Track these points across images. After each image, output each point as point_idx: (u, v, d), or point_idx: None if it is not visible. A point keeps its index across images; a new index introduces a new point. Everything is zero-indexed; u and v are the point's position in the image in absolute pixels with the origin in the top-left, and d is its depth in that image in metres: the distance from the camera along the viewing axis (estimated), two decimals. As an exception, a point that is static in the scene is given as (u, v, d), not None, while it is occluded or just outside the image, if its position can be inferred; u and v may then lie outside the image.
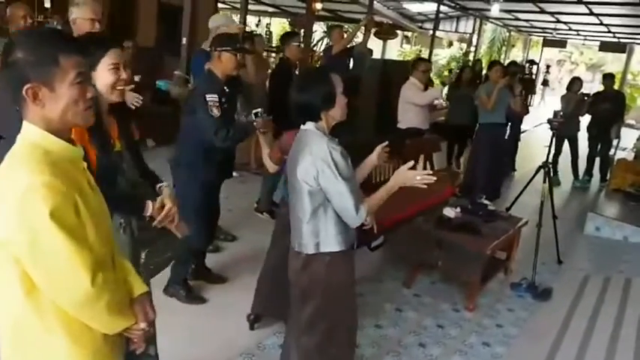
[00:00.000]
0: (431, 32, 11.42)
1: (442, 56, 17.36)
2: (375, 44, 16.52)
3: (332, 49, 5.89)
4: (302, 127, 2.09)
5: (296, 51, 4.56)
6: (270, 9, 15.63)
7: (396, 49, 16.29)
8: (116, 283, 1.33)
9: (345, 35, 6.29)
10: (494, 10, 9.92)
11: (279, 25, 18.07)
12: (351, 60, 8.42)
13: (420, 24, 15.01)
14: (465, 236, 3.57)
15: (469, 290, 3.60)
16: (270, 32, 16.26)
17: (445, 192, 4.79)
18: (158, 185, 1.98)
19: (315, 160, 1.98)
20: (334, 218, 2.07)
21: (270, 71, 5.52)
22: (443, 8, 11.75)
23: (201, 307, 3.24)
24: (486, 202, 4.23)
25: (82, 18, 3.34)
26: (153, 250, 1.92)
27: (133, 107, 3.24)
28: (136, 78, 3.72)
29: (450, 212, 3.92)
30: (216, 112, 2.83)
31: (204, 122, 2.86)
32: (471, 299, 3.58)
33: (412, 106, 5.39)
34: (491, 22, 15.19)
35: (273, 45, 15.45)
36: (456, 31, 15.16)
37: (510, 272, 4.20)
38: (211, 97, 2.84)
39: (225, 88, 2.99)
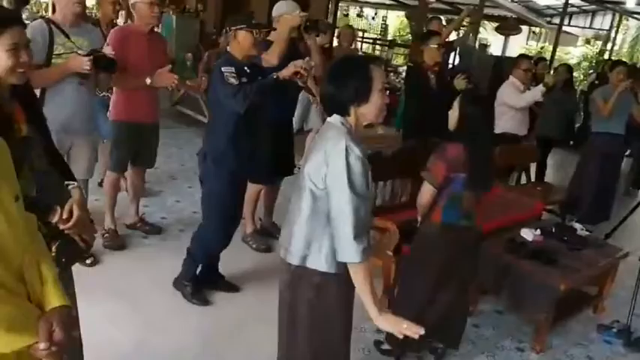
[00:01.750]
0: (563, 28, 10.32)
1: (573, 55, 15.76)
2: (497, 40, 15.47)
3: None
4: (327, 119, 1.84)
5: (436, 54, 3.97)
6: (388, 1, 15.25)
7: (520, 46, 15.06)
8: (8, 297, 1.17)
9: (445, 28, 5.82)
10: (631, 2, 8.67)
11: (396, 19, 17.59)
12: (457, 55, 7.85)
13: (548, 18, 13.72)
14: (537, 265, 3.04)
15: (538, 328, 3.07)
16: (386, 25, 15.89)
17: (533, 209, 4.20)
18: (68, 184, 1.83)
19: (328, 158, 1.71)
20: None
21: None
22: (574, 1, 10.58)
23: (196, 309, 3.06)
24: (577, 225, 3.60)
25: (141, 2, 3.34)
26: (63, 242, 1.75)
27: (170, 89, 3.13)
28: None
29: (527, 234, 3.39)
30: (233, 80, 2.71)
31: (222, 92, 2.74)
32: (539, 339, 3.05)
33: (508, 109, 4.81)
34: (634, 18, 13.43)
35: (388, 38, 15.09)
36: (591, 27, 13.63)
37: (601, 311, 3.55)
38: (227, 69, 2.74)
39: (245, 68, 2.83)
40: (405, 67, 10.09)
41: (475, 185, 2.52)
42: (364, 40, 14.43)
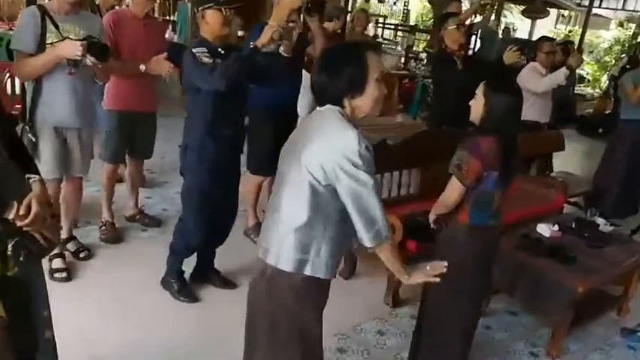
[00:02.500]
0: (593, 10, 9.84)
1: (605, 39, 15.11)
2: (524, 24, 14.94)
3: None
4: (319, 108, 1.67)
5: (457, 35, 3.67)
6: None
7: (547, 30, 14.48)
8: None
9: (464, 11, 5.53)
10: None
11: (419, 4, 17.14)
12: (478, 40, 7.53)
13: (578, 0, 13.14)
14: (553, 264, 2.80)
15: (554, 331, 2.84)
16: (408, 10, 15.49)
17: (554, 202, 3.94)
18: (29, 177, 1.70)
19: (334, 151, 1.55)
20: (334, 237, 1.65)
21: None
22: (606, -19, 10.07)
23: (189, 307, 2.92)
24: (600, 220, 3.34)
25: None
26: (21, 240, 1.64)
27: (165, 78, 2.90)
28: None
29: (544, 230, 3.14)
30: (206, 59, 2.55)
31: (196, 74, 2.56)
32: (555, 344, 2.82)
33: (529, 94, 4.50)
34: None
35: (410, 24, 14.71)
36: (624, 9, 13.02)
37: (625, 313, 3.29)
38: (198, 50, 2.58)
39: (219, 50, 2.64)
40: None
41: (505, 182, 2.27)
42: (385, 25, 14.09)
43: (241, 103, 2.84)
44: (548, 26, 15.34)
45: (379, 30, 13.49)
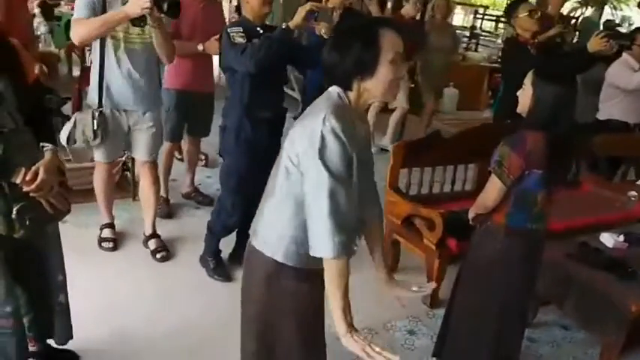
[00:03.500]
0: None
1: None
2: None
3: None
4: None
5: (529, 23, 3.41)
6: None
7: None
8: None
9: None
10: None
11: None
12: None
13: None
14: (607, 277, 2.50)
15: (602, 352, 2.54)
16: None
17: (632, 211, 3.53)
18: (43, 146, 1.78)
19: (305, 130, 1.44)
20: (301, 222, 1.49)
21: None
22: None
23: (223, 285, 2.96)
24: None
25: None
26: (27, 204, 1.72)
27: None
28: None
29: (607, 239, 2.82)
30: (240, 40, 2.52)
31: (230, 55, 2.55)
32: (605, 365, 2.53)
33: (617, 92, 4.08)
34: None
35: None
36: None
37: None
38: (233, 29, 2.57)
39: (258, 29, 2.61)
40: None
41: (552, 182, 2.05)
42: (485, 16, 13.40)
43: (280, 85, 2.81)
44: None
45: (478, 21, 12.87)
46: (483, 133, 3.36)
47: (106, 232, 3.17)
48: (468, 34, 10.91)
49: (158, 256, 3.09)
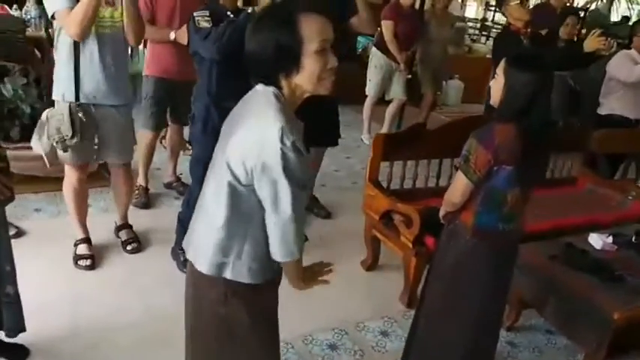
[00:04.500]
0: None
1: None
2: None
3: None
4: (255, 87, 1.39)
5: (520, 12, 3.33)
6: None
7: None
8: None
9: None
10: None
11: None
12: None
13: None
14: (591, 281, 2.35)
15: (586, 361, 2.41)
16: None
17: (629, 210, 3.36)
18: None
19: (255, 146, 1.29)
20: (258, 239, 1.40)
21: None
22: None
23: None
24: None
25: None
26: None
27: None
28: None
29: (595, 240, 2.67)
30: (205, 24, 2.40)
31: (194, 40, 2.44)
32: (586, 375, 2.39)
33: (618, 85, 3.90)
34: None
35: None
36: None
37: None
38: (199, 13, 2.45)
39: (229, 13, 2.49)
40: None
41: (525, 180, 1.90)
42: (497, 8, 13.09)
43: None
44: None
45: (490, 13, 12.57)
46: (470, 125, 3.19)
47: (82, 249, 2.85)
48: (478, 25, 10.68)
49: (129, 247, 2.98)
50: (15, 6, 4.68)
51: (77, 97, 2.52)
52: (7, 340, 2.15)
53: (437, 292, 2.10)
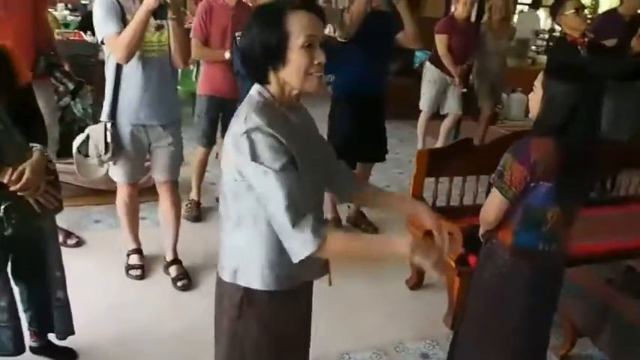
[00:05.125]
0: None
1: None
2: None
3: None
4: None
5: (576, 22, 3.16)
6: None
7: None
8: None
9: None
10: None
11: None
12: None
13: None
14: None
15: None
16: (597, 1, 13.64)
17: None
18: (32, 146, 1.81)
19: (232, 141, 1.32)
20: (267, 242, 1.39)
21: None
22: None
23: None
24: None
25: None
26: (14, 203, 1.77)
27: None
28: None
29: (658, 264, 2.48)
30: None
31: (235, 58, 2.64)
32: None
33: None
34: None
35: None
36: None
37: None
38: (240, 33, 2.49)
39: None
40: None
41: (566, 198, 1.80)
42: (552, 18, 12.54)
43: None
44: None
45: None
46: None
47: (133, 259, 2.99)
48: (546, 37, 10.31)
49: (179, 284, 2.92)
50: (89, 32, 5.00)
51: (113, 117, 2.63)
52: (57, 342, 2.28)
53: (473, 317, 2.02)
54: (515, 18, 11.27)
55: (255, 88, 1.39)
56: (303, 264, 1.30)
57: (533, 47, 8.49)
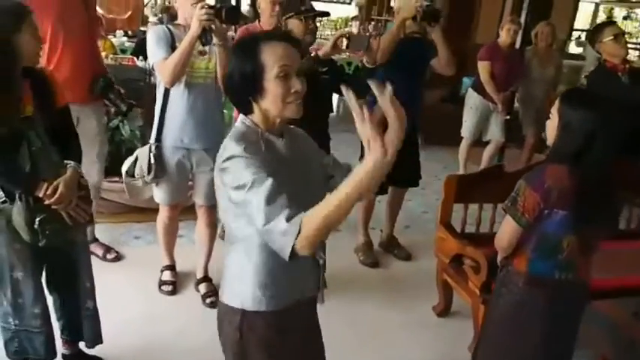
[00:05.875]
0: None
1: None
2: None
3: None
4: None
5: (615, 48, 3.12)
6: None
7: None
8: None
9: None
10: None
11: None
12: None
13: None
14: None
15: None
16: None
17: None
18: (67, 163, 1.94)
19: (216, 172, 1.40)
20: (260, 263, 1.44)
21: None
22: None
23: None
24: None
25: (264, 0, 3.39)
26: (47, 216, 1.89)
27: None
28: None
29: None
30: None
31: None
32: None
33: None
34: None
35: None
36: None
37: None
38: None
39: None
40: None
41: (583, 226, 1.76)
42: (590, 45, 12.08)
43: (322, 114, 2.79)
44: None
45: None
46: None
47: (166, 275, 3.10)
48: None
49: (207, 300, 2.97)
50: (141, 57, 5.30)
51: (158, 139, 2.73)
52: (86, 350, 2.39)
53: (490, 344, 1.98)
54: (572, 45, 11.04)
55: (240, 118, 1.45)
56: (294, 281, 1.34)
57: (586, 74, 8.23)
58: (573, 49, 11.26)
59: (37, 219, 1.90)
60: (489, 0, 8.22)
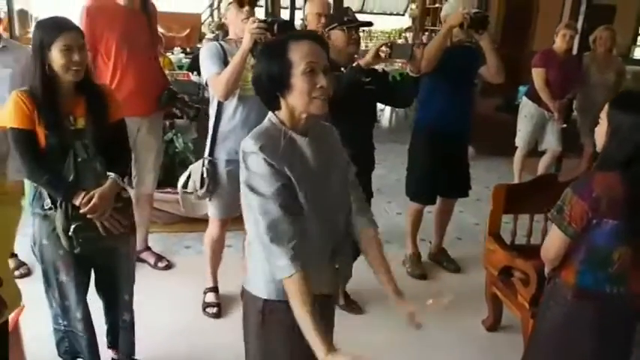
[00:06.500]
0: None
1: None
2: None
3: None
4: None
5: None
6: None
7: None
8: None
9: None
10: None
11: None
12: None
13: None
14: None
15: None
16: None
17: None
18: (109, 174, 2.00)
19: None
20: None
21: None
22: None
23: None
24: None
25: (310, 13, 3.43)
26: (82, 224, 1.96)
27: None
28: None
29: None
30: None
31: None
32: None
33: None
34: None
35: None
36: None
37: None
38: None
39: (341, 68, 2.54)
40: None
41: (636, 237, 1.68)
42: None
43: (367, 123, 2.79)
44: None
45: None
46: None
47: (210, 297, 3.03)
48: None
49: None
50: (195, 72, 5.49)
51: (212, 153, 2.73)
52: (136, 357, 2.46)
53: (536, 358, 1.90)
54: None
55: (268, 115, 1.53)
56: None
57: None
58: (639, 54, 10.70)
59: (73, 226, 1.97)
60: (547, 6, 7.97)
